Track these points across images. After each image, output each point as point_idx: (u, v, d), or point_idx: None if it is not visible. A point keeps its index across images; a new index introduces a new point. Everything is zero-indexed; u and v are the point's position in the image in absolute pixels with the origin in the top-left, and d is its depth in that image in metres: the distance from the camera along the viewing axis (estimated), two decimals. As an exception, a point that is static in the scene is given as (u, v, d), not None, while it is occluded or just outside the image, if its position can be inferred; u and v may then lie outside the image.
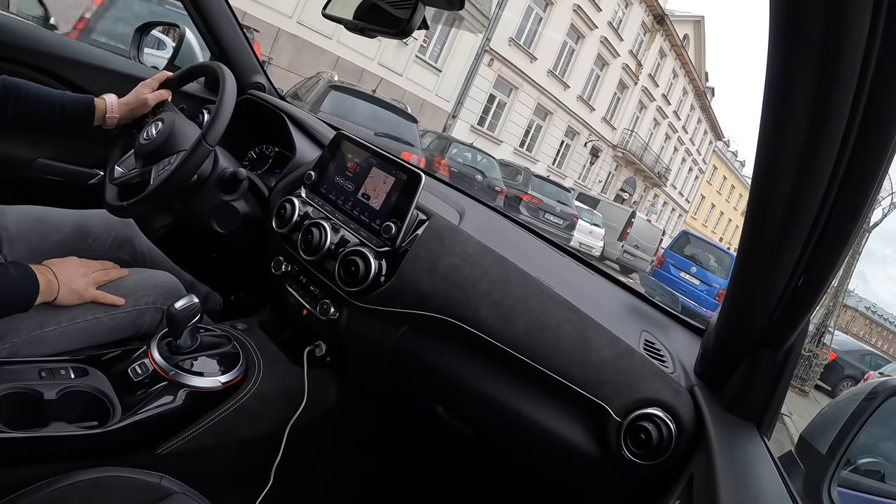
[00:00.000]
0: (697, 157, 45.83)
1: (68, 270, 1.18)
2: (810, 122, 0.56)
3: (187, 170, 1.29)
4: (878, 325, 68.32)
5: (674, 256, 13.25)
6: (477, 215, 1.53)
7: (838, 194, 0.63)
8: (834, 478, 1.44)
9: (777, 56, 0.53)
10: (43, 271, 1.13)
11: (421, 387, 1.25)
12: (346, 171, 1.36)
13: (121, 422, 1.03)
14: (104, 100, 1.42)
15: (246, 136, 1.79)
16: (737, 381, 0.93)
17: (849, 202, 0.64)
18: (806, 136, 0.58)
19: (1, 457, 0.92)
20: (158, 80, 1.52)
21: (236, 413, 1.16)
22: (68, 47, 1.69)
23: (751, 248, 0.76)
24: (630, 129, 32.36)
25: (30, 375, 1.01)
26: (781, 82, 0.55)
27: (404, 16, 1.16)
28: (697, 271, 12.78)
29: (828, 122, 0.56)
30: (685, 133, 40.74)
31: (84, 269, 1.21)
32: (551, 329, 1.08)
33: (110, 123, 1.44)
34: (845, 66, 0.51)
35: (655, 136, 35.99)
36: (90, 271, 1.21)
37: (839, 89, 0.53)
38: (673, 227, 45.83)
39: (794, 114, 0.57)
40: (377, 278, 1.20)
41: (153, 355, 1.12)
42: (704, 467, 0.79)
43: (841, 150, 0.58)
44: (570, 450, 1.02)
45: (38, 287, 1.09)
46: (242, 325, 1.38)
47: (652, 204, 38.91)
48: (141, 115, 1.48)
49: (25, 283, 1.08)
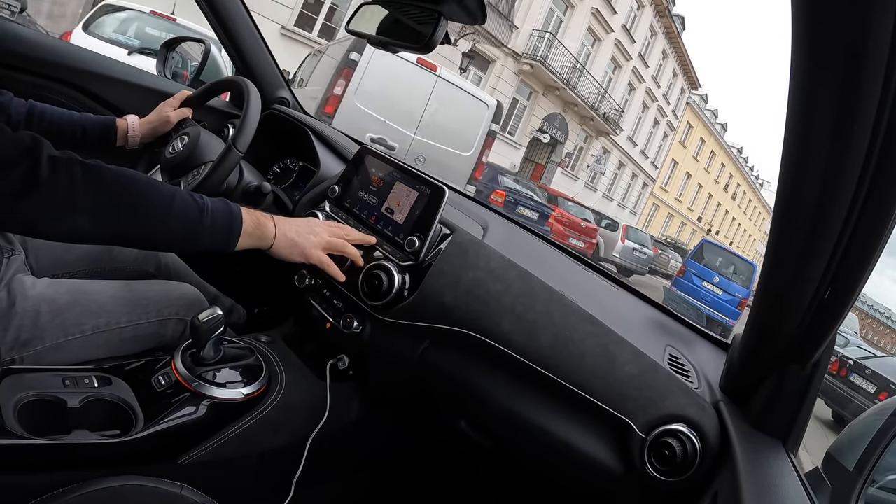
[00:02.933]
0: (665, 106, 35.15)
1: (291, 222, 1.18)
2: (835, 130, 0.56)
3: (218, 176, 1.31)
4: (865, 313, 67.09)
5: (695, 266, 13.54)
6: (500, 229, 1.53)
7: (864, 203, 0.62)
8: (861, 495, 1.41)
9: (800, 63, 0.53)
10: (254, 212, 1.13)
11: (443, 401, 1.25)
12: (369, 185, 1.37)
13: (143, 431, 1.03)
14: (126, 120, 1.45)
15: (271, 150, 1.81)
16: (763, 397, 0.91)
17: (876, 210, 0.63)
18: (832, 143, 0.57)
19: (24, 463, 0.93)
20: (179, 98, 1.55)
21: (258, 425, 1.16)
22: (98, 63, 1.73)
23: (776, 260, 0.75)
24: (543, 30, 21.88)
25: (54, 383, 1.01)
26: (805, 89, 0.55)
27: (427, 31, 1.17)
28: (720, 281, 13.08)
29: (853, 129, 0.55)
30: (645, 66, 30.60)
31: (316, 227, 1.21)
32: (575, 344, 1.07)
33: (132, 143, 1.47)
34: (870, 71, 0.51)
35: (595, 56, 25.95)
36: (325, 231, 1.21)
37: (864, 96, 0.53)
38: (636, 201, 38.11)
39: (818, 121, 0.57)
40: (400, 292, 1.20)
41: (176, 366, 1.12)
42: (729, 484, 0.78)
43: (867, 157, 0.57)
44: (593, 466, 1.01)
45: (241, 222, 1.09)
46: (265, 337, 1.38)
47: (597, 160, 29.02)
48: (163, 133, 1.51)
49: (223, 211, 1.07)
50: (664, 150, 38.18)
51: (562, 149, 26.94)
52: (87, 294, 1.17)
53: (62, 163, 0.89)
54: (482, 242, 1.26)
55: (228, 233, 1.07)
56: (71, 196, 0.90)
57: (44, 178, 0.86)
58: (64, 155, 0.90)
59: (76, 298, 1.15)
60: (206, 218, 1.04)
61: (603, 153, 30.12)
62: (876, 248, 0.67)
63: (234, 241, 1.08)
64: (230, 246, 1.08)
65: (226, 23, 1.80)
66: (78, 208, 0.91)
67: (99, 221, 0.94)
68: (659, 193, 40.07)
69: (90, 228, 0.93)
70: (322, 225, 1.22)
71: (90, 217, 0.93)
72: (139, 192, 0.98)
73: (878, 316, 75.15)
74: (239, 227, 1.08)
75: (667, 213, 42.60)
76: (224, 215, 1.07)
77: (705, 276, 13.23)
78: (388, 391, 1.32)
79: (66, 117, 1.39)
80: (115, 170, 0.96)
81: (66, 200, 0.90)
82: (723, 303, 12.75)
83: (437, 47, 1.17)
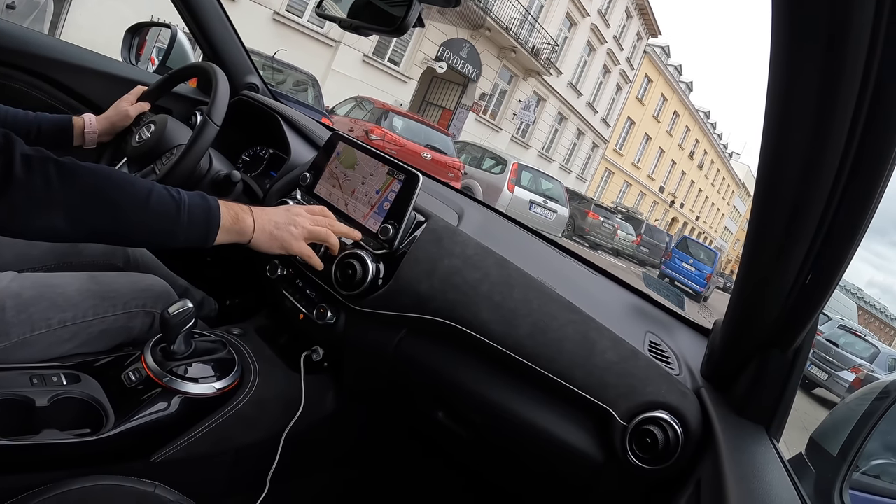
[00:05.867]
0: (617, 52, 29.32)
1: (271, 213, 1.14)
2: (816, 114, 0.55)
3: (197, 151, 1.29)
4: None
5: (678, 252, 20.04)
6: (476, 216, 1.51)
7: (846, 188, 0.62)
8: (846, 480, 1.42)
9: (780, 46, 0.52)
10: (232, 205, 1.09)
11: (421, 392, 1.23)
12: (342, 172, 1.34)
13: (114, 429, 1.01)
14: (83, 118, 1.42)
15: (240, 137, 1.77)
16: (745, 383, 0.91)
17: (856, 194, 0.63)
18: (812, 128, 0.57)
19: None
20: (136, 93, 1.52)
21: (232, 420, 1.14)
22: (62, 51, 1.68)
23: (757, 245, 0.75)
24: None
25: (21, 382, 0.98)
26: (785, 73, 0.54)
27: (399, 13, 1.15)
28: (693, 262, 19.58)
29: (834, 112, 0.55)
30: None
31: (297, 217, 1.17)
32: (554, 332, 1.06)
33: (90, 141, 1.44)
34: (850, 55, 0.50)
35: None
36: (307, 220, 1.17)
37: (844, 80, 0.52)
38: (584, 165, 32.23)
39: (799, 105, 0.56)
40: (375, 281, 1.18)
41: (147, 361, 1.10)
42: (712, 471, 0.77)
43: (848, 141, 0.57)
44: (574, 455, 1.01)
45: (219, 217, 1.05)
46: (238, 330, 1.36)
47: (524, 106, 23.62)
48: (122, 130, 1.48)
49: (200, 206, 1.04)
50: (618, 106, 32.55)
51: (475, 89, 21.50)
52: (52, 288, 1.14)
53: (36, 161, 0.86)
54: (458, 229, 1.24)
55: (206, 228, 1.04)
56: (46, 195, 0.87)
57: (17, 177, 0.83)
58: (37, 153, 0.87)
59: (42, 292, 1.12)
60: (184, 214, 1.01)
61: (536, 99, 24.83)
62: (857, 232, 0.66)
63: (213, 237, 1.05)
64: (208, 242, 1.05)
65: (192, 6, 1.76)
66: (53, 207, 0.88)
67: (74, 220, 0.91)
68: (613, 157, 34.81)
69: (65, 227, 0.90)
70: (303, 213, 1.19)
71: (66, 216, 0.90)
72: (115, 188, 0.95)
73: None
74: (217, 222, 1.05)
75: (623, 181, 37.36)
76: (201, 211, 1.04)
77: (684, 259, 19.61)
78: (364, 383, 1.31)
79: (20, 117, 1.35)
80: (90, 167, 0.93)
81: (41, 199, 0.87)
82: (695, 276, 19.25)
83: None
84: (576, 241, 18.53)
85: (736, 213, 64.39)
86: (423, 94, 22.09)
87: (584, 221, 19.19)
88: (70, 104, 1.70)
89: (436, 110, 22.12)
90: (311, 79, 11.14)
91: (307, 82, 11.06)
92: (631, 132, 35.24)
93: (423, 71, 19.61)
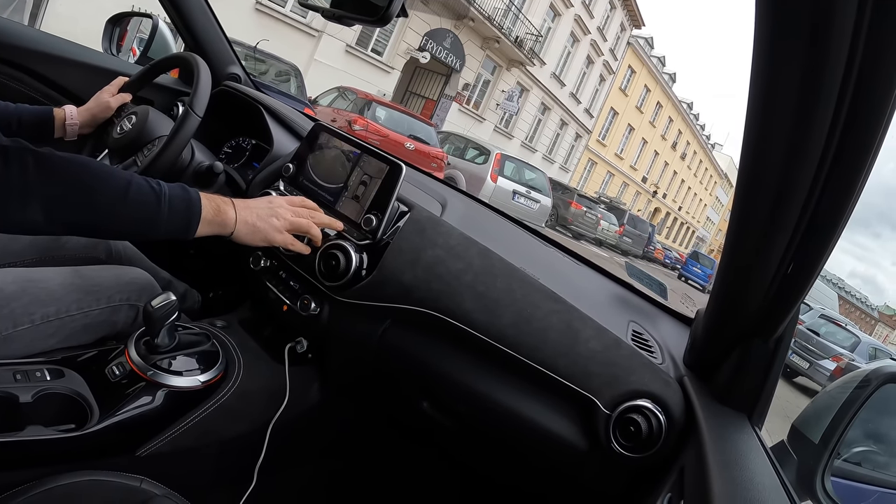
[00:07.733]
0: (601, 42, 29.40)
1: (252, 205, 1.14)
2: (798, 105, 0.56)
3: (177, 145, 1.28)
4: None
5: (690, 261, 27.66)
6: (459, 206, 1.51)
7: (827, 177, 0.62)
8: (828, 467, 1.43)
9: (764, 36, 0.52)
10: (214, 197, 1.09)
11: (405, 382, 1.23)
12: (325, 162, 1.34)
13: (99, 424, 1.00)
14: (63, 110, 1.40)
15: (222, 128, 1.75)
16: (727, 371, 0.92)
17: (838, 185, 0.63)
18: (794, 118, 0.57)
19: None
20: (117, 85, 1.50)
21: (217, 413, 1.14)
22: (42, 42, 1.66)
23: (739, 234, 0.75)
24: None
25: (4, 378, 0.98)
26: (768, 64, 0.54)
27: (382, 3, 1.13)
28: (700, 267, 26.65)
29: (817, 104, 0.55)
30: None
31: (279, 209, 1.16)
32: (537, 321, 1.06)
33: (71, 132, 1.42)
34: (833, 46, 0.50)
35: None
36: (288, 212, 1.17)
37: (827, 71, 0.52)
38: (568, 155, 32.23)
39: (781, 96, 0.56)
40: (358, 272, 1.18)
41: (130, 355, 1.09)
42: (695, 459, 0.78)
43: (830, 131, 0.57)
44: (559, 443, 1.01)
45: (200, 209, 1.05)
46: (221, 322, 1.35)
47: (508, 97, 23.81)
48: (104, 121, 1.46)
49: (181, 198, 1.03)
50: (601, 96, 32.70)
51: (458, 79, 21.52)
52: (34, 282, 1.13)
53: (13, 152, 0.85)
54: (441, 220, 1.24)
55: (187, 220, 1.04)
56: (23, 186, 0.86)
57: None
58: (14, 143, 0.86)
59: (24, 287, 1.11)
60: (164, 205, 1.00)
61: (519, 89, 25.13)
62: (839, 221, 0.67)
63: (193, 229, 1.05)
64: (189, 234, 1.05)
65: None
66: (30, 199, 0.87)
67: (51, 212, 0.90)
68: (596, 148, 34.76)
69: (42, 220, 0.89)
70: (285, 205, 1.18)
71: (43, 208, 0.89)
72: (93, 179, 0.94)
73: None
74: (198, 214, 1.05)
75: (606, 172, 37.45)
76: (182, 202, 1.03)
77: (694, 265, 27.04)
78: (348, 374, 1.31)
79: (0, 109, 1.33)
80: (68, 157, 0.92)
81: (18, 191, 0.86)
82: (701, 275, 25.83)
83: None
84: (559, 231, 18.36)
85: (718, 203, 64.68)
86: (407, 84, 22.08)
87: (567, 211, 18.89)
88: (50, 96, 1.68)
89: (419, 100, 22.24)
90: (293, 69, 11.16)
91: (290, 72, 11.09)
92: (614, 123, 35.39)
93: (407, 61, 19.60)
